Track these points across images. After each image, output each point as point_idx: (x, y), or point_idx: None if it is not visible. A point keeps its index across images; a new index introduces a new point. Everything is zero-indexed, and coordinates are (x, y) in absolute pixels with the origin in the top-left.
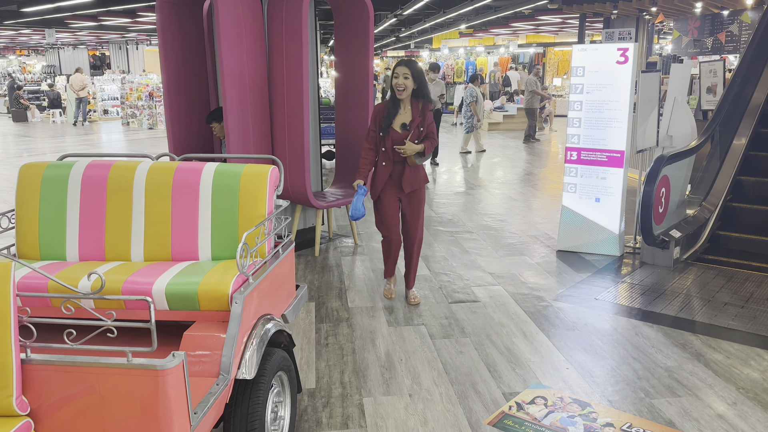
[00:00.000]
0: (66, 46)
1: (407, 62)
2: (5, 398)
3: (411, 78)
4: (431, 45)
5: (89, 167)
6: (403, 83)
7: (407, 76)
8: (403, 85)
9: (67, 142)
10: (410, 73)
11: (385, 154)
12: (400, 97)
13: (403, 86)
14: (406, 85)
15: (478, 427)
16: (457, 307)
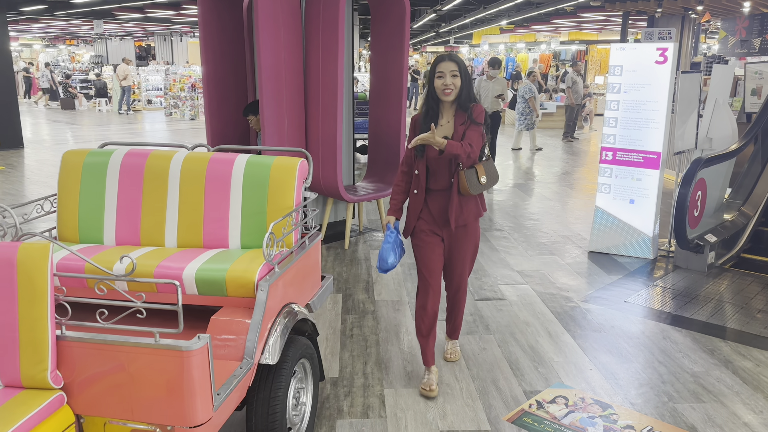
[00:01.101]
0: (113, 36)
1: (454, 57)
2: (41, 372)
3: (460, 76)
4: (471, 41)
5: (128, 155)
6: (451, 83)
7: (456, 74)
8: (451, 85)
9: (111, 130)
10: (459, 71)
11: (417, 180)
12: (447, 98)
13: (452, 87)
14: (455, 85)
15: (497, 423)
16: (483, 304)
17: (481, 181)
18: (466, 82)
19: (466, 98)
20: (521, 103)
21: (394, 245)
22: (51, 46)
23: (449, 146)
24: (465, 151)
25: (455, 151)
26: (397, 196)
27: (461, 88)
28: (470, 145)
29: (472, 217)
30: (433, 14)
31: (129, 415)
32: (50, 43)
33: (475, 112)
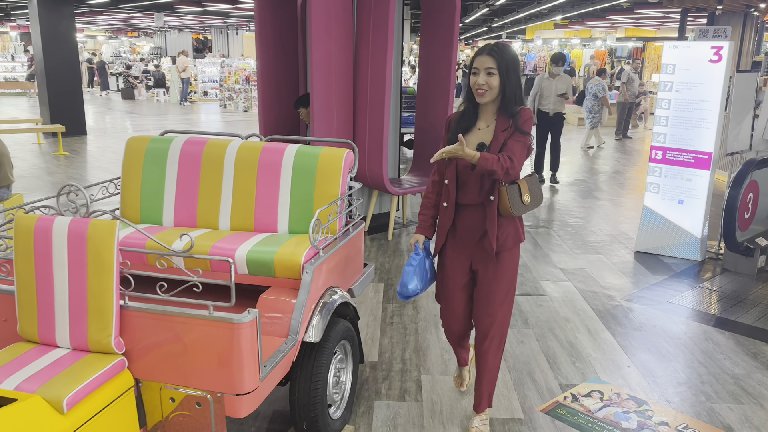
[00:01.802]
0: (172, 29)
1: (493, 49)
2: (105, 337)
3: (498, 74)
4: (524, 36)
5: (187, 143)
6: (485, 83)
7: (492, 72)
8: (485, 85)
9: (168, 120)
10: (497, 68)
11: (447, 191)
12: (481, 100)
13: (486, 87)
14: (491, 85)
15: (530, 413)
16: (523, 299)
17: (525, 200)
18: (508, 82)
19: (510, 101)
20: (591, 101)
21: (419, 269)
22: (113, 38)
23: (482, 160)
24: (502, 166)
25: (490, 167)
26: (427, 211)
27: (500, 88)
28: (510, 159)
29: (510, 243)
30: (486, 9)
31: (183, 381)
32: (113, 35)
33: (521, 118)
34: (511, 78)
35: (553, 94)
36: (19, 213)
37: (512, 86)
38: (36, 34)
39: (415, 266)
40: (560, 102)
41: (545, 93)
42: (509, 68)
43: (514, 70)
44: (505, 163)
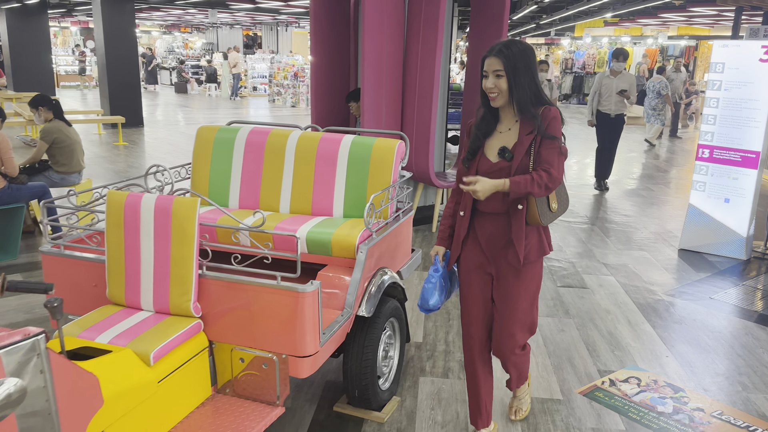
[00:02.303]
0: (224, 25)
1: (502, 50)
2: (185, 302)
3: (506, 76)
4: (573, 33)
5: (252, 132)
6: (494, 86)
7: (500, 74)
8: (495, 88)
9: (219, 114)
10: (505, 69)
11: (465, 199)
12: (494, 104)
13: (496, 91)
14: (500, 88)
15: (568, 394)
16: (565, 290)
17: (552, 207)
18: (516, 83)
19: (523, 102)
20: (654, 99)
21: (440, 283)
22: (167, 33)
23: (513, 185)
24: (539, 184)
25: (525, 190)
26: (446, 221)
27: (509, 91)
28: (546, 172)
29: (534, 255)
30: (534, 6)
31: (252, 343)
32: (167, 31)
33: (546, 120)
34: (520, 78)
35: (614, 94)
36: (111, 190)
37: (522, 86)
38: (98, 29)
39: (434, 283)
40: (622, 102)
41: (605, 92)
42: (517, 67)
43: (525, 69)
44: (541, 179)
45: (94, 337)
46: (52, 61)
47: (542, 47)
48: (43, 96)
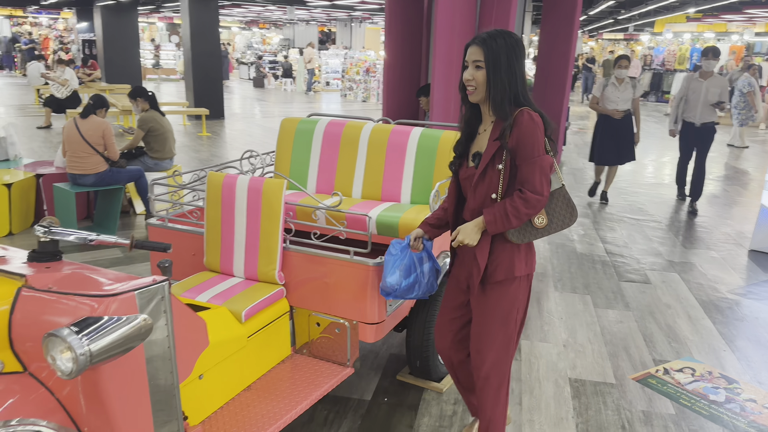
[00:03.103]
0: (301, 21)
1: (485, 39)
2: (271, 270)
3: (485, 68)
4: (652, 29)
5: (329, 124)
6: (472, 77)
7: (480, 65)
8: (473, 81)
9: (294, 108)
10: (485, 60)
11: (449, 199)
12: (471, 99)
13: (474, 84)
14: (478, 81)
15: (622, 380)
16: (627, 285)
17: (537, 223)
18: (495, 76)
19: (499, 99)
20: (737, 97)
21: (402, 261)
22: (246, 29)
23: (489, 225)
24: (517, 215)
25: (504, 227)
26: (440, 211)
27: (487, 85)
28: (522, 200)
29: (499, 275)
30: (612, 1)
31: (327, 310)
32: (246, 27)
33: (519, 126)
34: (501, 71)
35: (702, 100)
36: (211, 172)
37: (501, 82)
38: (185, 25)
39: (395, 255)
40: (711, 110)
41: (692, 98)
42: (499, 60)
43: (508, 63)
44: (517, 211)
45: (194, 296)
46: (140, 55)
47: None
48: (141, 88)
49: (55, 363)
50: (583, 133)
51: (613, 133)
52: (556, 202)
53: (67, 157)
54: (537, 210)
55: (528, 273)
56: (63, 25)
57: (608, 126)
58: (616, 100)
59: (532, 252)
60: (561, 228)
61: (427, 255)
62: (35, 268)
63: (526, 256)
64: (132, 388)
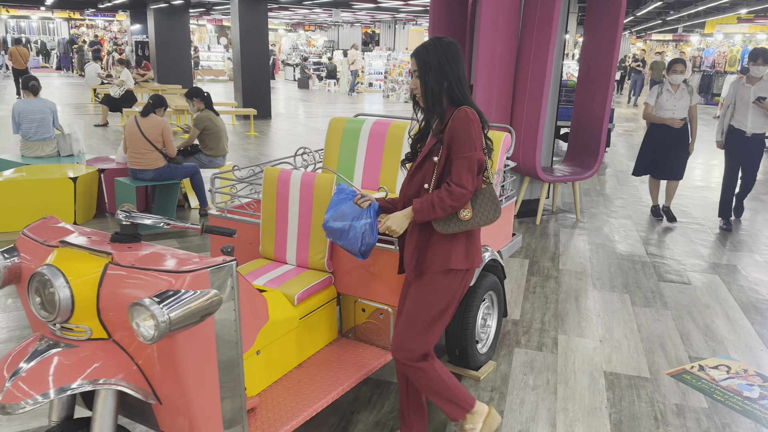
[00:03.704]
0: (345, 23)
1: (417, 50)
2: (320, 259)
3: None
4: (702, 30)
5: (375, 124)
6: (415, 85)
7: (416, 73)
8: (416, 89)
9: (337, 108)
10: (418, 68)
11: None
12: (421, 104)
13: (417, 90)
14: (418, 87)
15: (657, 375)
16: (665, 285)
17: (463, 215)
18: (427, 81)
19: (431, 102)
20: None
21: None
22: (292, 31)
23: (417, 213)
24: (442, 207)
25: (430, 217)
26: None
27: (421, 88)
28: (448, 192)
29: (437, 265)
30: (660, 2)
31: (372, 296)
32: (291, 29)
33: (455, 120)
34: (430, 76)
35: (751, 106)
36: (267, 167)
37: (430, 85)
38: (235, 28)
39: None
40: (763, 120)
41: (740, 104)
42: (429, 66)
43: (439, 67)
44: (442, 202)
45: (252, 280)
46: (191, 57)
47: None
48: (197, 89)
49: (138, 329)
50: (629, 136)
51: (666, 145)
52: (482, 199)
53: (128, 153)
54: (461, 203)
55: (467, 268)
56: (117, 27)
57: (661, 137)
58: (672, 108)
59: (474, 247)
60: (484, 223)
61: (366, 214)
62: (118, 248)
63: (467, 250)
64: (202, 356)
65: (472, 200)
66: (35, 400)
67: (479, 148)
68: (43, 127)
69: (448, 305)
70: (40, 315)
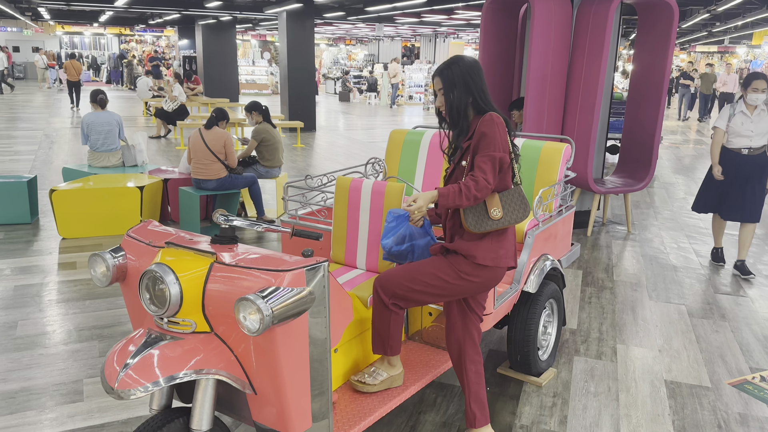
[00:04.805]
0: (386, 37)
1: (441, 70)
2: (389, 264)
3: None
4: (750, 41)
5: (435, 135)
6: (441, 103)
7: (440, 91)
8: (442, 106)
9: (377, 121)
10: (442, 86)
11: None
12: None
13: (442, 108)
14: (443, 104)
15: (717, 384)
16: (723, 297)
17: (493, 214)
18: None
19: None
20: None
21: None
22: (333, 46)
23: (441, 198)
24: (467, 195)
25: (453, 202)
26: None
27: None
28: (474, 182)
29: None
30: (706, 14)
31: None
32: (333, 43)
33: (482, 125)
34: (455, 92)
35: None
36: (339, 176)
37: (452, 101)
38: (283, 43)
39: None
40: None
41: None
42: (455, 84)
43: (463, 84)
44: (468, 191)
45: None
46: (237, 71)
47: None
48: (256, 102)
49: (245, 322)
50: (675, 148)
51: (741, 179)
52: (511, 198)
53: (192, 164)
54: (483, 194)
55: (493, 266)
56: (165, 42)
57: (734, 168)
58: (748, 134)
59: (503, 247)
60: (514, 222)
61: (425, 232)
62: (220, 249)
63: (492, 248)
64: (297, 349)
65: (502, 200)
66: (146, 387)
67: (503, 149)
68: (110, 139)
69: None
70: (150, 309)
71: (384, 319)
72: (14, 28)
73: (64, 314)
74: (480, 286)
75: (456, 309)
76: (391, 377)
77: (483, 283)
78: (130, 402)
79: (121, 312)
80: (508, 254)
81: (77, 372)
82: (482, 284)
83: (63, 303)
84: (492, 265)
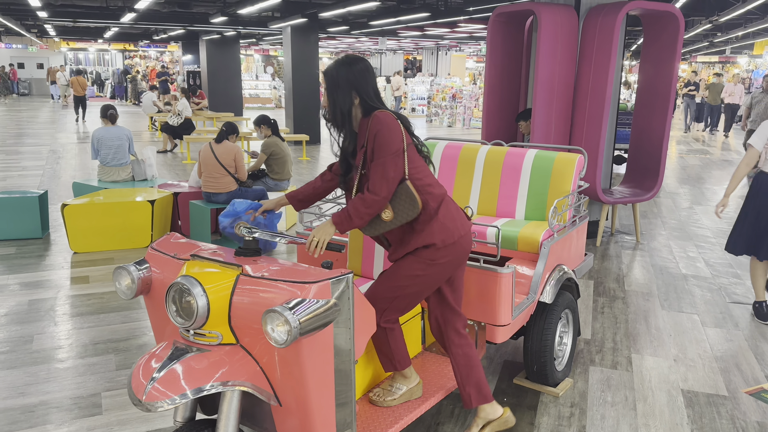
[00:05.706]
0: (388, 51)
1: (326, 70)
2: None
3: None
4: (751, 51)
5: (447, 147)
6: (325, 102)
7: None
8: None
9: None
10: (326, 87)
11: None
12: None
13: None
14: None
15: (734, 392)
16: (735, 306)
17: (384, 217)
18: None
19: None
20: None
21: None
22: None
23: (338, 225)
24: (360, 214)
25: (350, 226)
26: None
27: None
28: (361, 200)
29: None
30: (708, 24)
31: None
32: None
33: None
34: (338, 92)
35: None
36: None
37: (335, 103)
38: (287, 58)
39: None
40: None
41: None
42: (338, 85)
43: (347, 84)
44: (357, 211)
45: None
46: (241, 86)
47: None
48: (264, 116)
49: (272, 334)
50: (680, 158)
51: None
52: (399, 197)
53: (203, 177)
54: (375, 209)
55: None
56: (169, 57)
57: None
58: None
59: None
60: (406, 219)
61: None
62: (244, 261)
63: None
64: (322, 361)
65: (394, 200)
66: (173, 400)
67: (392, 148)
68: (120, 153)
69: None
70: (176, 322)
71: (382, 339)
72: (19, 45)
73: (79, 328)
74: (453, 263)
75: (433, 301)
76: (410, 389)
77: (455, 260)
78: (150, 415)
79: (135, 325)
80: (459, 223)
81: (95, 385)
82: (455, 260)
83: (77, 317)
84: (454, 240)
